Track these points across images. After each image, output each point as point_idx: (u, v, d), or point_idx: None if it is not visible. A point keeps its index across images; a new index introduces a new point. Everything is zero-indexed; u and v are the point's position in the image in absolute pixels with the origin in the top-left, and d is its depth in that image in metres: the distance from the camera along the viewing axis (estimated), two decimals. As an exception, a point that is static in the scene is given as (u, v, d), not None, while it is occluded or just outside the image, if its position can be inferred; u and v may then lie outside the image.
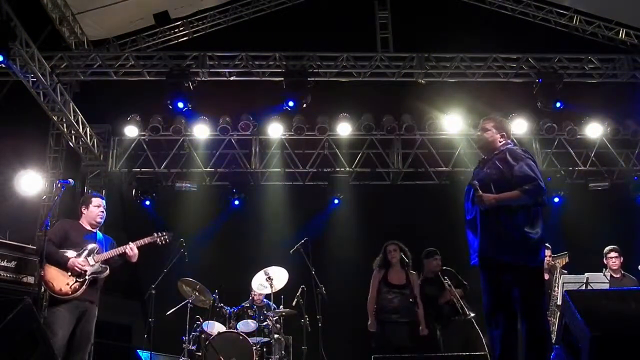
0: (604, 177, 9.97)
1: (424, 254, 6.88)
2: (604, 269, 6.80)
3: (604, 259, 6.85)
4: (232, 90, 9.20)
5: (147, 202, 9.47)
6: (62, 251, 4.92)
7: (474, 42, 9.13)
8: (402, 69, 8.95)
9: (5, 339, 3.38)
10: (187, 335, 6.81)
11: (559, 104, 8.63)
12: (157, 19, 9.73)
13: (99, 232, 5.23)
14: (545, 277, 6.44)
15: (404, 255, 6.69)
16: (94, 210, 5.19)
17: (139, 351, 7.09)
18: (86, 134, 9.28)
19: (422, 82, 9.00)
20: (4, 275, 5.71)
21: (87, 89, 9.43)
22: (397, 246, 6.74)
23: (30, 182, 8.83)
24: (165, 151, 9.81)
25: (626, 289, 5.70)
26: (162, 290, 6.79)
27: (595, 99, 9.43)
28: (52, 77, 8.19)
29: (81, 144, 9.34)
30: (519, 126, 9.20)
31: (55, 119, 8.71)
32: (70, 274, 4.85)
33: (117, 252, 5.08)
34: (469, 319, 6.06)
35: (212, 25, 10.29)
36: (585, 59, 9.03)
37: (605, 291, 5.48)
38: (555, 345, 4.00)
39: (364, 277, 6.94)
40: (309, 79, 8.54)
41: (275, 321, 6.94)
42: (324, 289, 7.02)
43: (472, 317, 6.02)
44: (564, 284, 6.32)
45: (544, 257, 4.08)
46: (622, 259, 6.80)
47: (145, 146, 9.78)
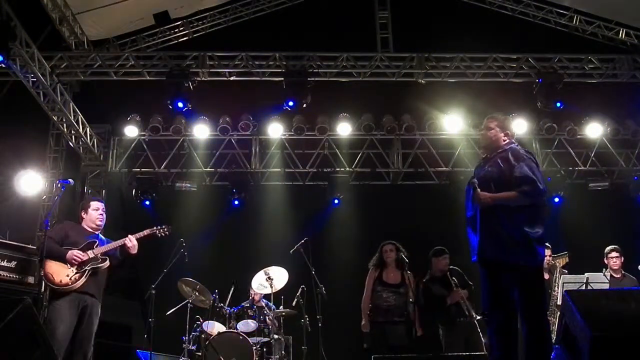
0: (604, 177, 9.97)
1: (432, 252, 6.75)
2: (604, 269, 6.80)
3: (605, 258, 6.85)
4: (232, 90, 9.20)
5: (147, 202, 9.47)
6: (62, 248, 4.97)
7: (474, 42, 9.14)
8: (402, 69, 8.95)
9: (5, 339, 3.39)
10: (187, 335, 6.81)
11: (559, 104, 8.64)
12: (157, 19, 9.73)
13: (100, 235, 5.26)
14: (545, 277, 6.47)
15: (402, 255, 6.64)
16: (93, 213, 5.23)
17: (139, 351, 7.09)
18: (86, 134, 9.28)
19: (422, 82, 9.00)
20: (4, 275, 5.69)
21: (87, 89, 9.43)
22: (393, 246, 6.72)
23: (30, 182, 8.82)
24: (165, 151, 9.80)
25: (626, 289, 5.71)
26: (162, 290, 6.78)
27: (595, 99, 9.44)
28: (52, 77, 8.19)
29: (81, 144, 9.34)
30: (519, 126, 9.20)
31: (55, 119, 8.71)
32: (69, 266, 4.89)
33: (116, 244, 5.11)
34: (474, 321, 6.04)
35: (212, 25, 10.29)
36: (585, 59, 9.03)
37: (605, 291, 5.48)
38: (555, 345, 4.00)
39: (364, 277, 6.91)
40: (309, 79, 8.54)
41: (275, 321, 6.94)
42: (324, 289, 7.03)
43: (477, 319, 5.99)
44: (564, 284, 6.32)
45: (544, 256, 4.07)
46: (622, 259, 6.80)
47: (145, 146, 9.78)
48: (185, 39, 10.20)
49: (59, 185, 7.72)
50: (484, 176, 4.13)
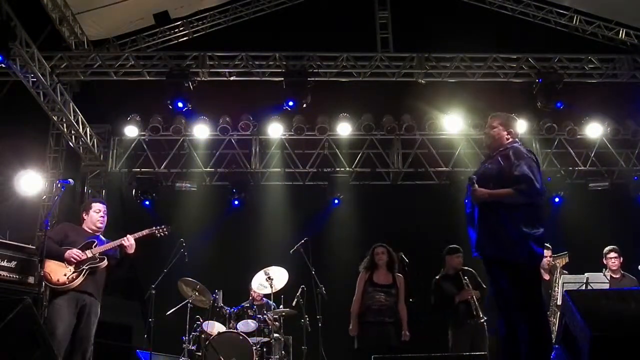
0: (604, 177, 9.97)
1: (446, 250, 6.69)
2: (604, 269, 6.80)
3: (604, 259, 6.84)
4: (232, 90, 9.21)
5: (147, 202, 9.47)
6: (61, 247, 4.98)
7: (474, 42, 9.13)
8: (402, 69, 8.95)
9: (5, 339, 3.39)
10: (187, 335, 6.81)
11: (559, 104, 8.64)
12: (157, 19, 9.73)
13: (101, 236, 5.25)
14: (545, 277, 6.48)
15: (395, 258, 6.60)
16: (94, 215, 5.24)
17: (139, 351, 7.09)
18: (86, 134, 9.28)
19: (422, 82, 9.01)
20: (4, 275, 5.69)
21: (87, 89, 9.43)
22: (384, 249, 6.66)
23: (30, 182, 8.82)
24: (165, 151, 9.81)
25: (626, 289, 5.71)
26: (162, 290, 6.79)
27: (595, 99, 9.44)
28: (52, 77, 8.20)
29: (81, 144, 9.34)
30: (519, 126, 9.17)
31: (55, 119, 8.71)
32: (67, 265, 4.90)
33: (114, 244, 5.11)
34: (481, 322, 6.02)
35: (212, 25, 10.29)
36: (585, 59, 9.04)
37: (605, 291, 5.47)
38: (555, 345, 4.00)
39: (364, 278, 6.92)
40: (309, 79, 8.55)
41: (274, 321, 6.93)
42: (324, 289, 7.02)
43: (484, 320, 5.98)
44: (564, 284, 6.30)
45: (542, 256, 4.06)
46: (621, 259, 6.79)
47: (145, 146, 9.79)
48: (185, 39, 10.20)
49: (59, 185, 7.73)
50: (483, 173, 4.13)
